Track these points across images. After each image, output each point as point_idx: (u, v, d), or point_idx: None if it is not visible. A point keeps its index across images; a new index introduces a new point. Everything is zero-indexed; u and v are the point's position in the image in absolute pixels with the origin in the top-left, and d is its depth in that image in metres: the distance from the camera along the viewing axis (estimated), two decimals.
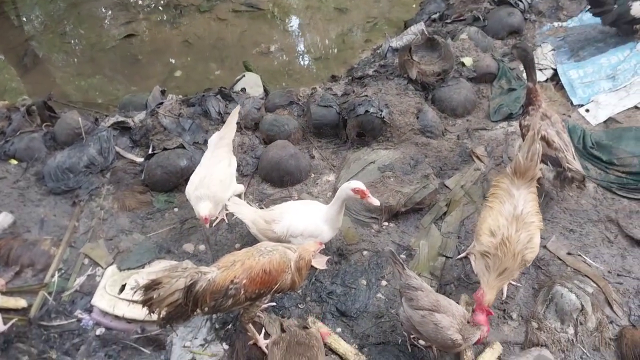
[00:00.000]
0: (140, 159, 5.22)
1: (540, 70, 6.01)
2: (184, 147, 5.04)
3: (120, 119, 5.59)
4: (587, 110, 5.56)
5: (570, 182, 4.31)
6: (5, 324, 3.86)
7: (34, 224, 4.65)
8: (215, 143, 4.40)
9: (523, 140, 4.50)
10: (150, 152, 5.15)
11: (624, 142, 5.07)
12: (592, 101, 5.62)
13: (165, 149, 5.04)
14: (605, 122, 5.42)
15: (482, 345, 3.71)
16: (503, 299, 4.03)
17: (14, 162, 5.25)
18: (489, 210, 3.77)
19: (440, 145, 5.32)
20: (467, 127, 5.53)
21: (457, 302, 3.83)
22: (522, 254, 3.56)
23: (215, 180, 4.21)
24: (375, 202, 3.85)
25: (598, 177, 4.91)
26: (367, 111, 5.26)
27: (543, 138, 4.26)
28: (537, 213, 3.74)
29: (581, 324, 3.82)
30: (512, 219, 3.64)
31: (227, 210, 4.26)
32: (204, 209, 4.15)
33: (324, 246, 3.66)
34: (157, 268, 4.11)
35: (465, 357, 3.69)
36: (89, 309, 4.00)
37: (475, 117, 5.70)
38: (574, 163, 4.30)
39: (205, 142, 5.10)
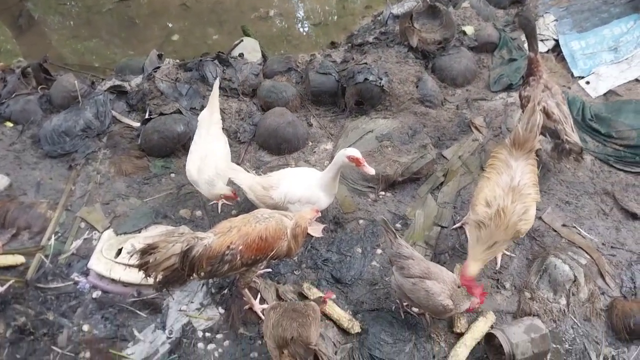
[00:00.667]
0: (136, 124, 5.18)
1: (542, 41, 5.94)
2: (181, 113, 5.00)
3: (117, 82, 5.54)
4: (588, 83, 5.52)
5: (567, 154, 4.31)
6: (2, 285, 3.89)
7: (30, 187, 4.64)
8: (208, 120, 4.32)
9: (522, 111, 4.48)
10: (146, 116, 5.11)
11: (623, 115, 5.05)
12: (593, 73, 5.58)
13: (162, 114, 4.99)
14: (605, 94, 5.39)
15: (475, 314, 3.76)
16: (497, 268, 4.07)
17: (9, 124, 5.21)
18: (486, 181, 3.77)
19: (439, 115, 5.29)
20: (466, 97, 5.50)
21: (452, 271, 3.88)
22: (516, 225, 3.57)
23: (220, 160, 4.19)
24: (371, 171, 3.84)
25: (596, 150, 4.90)
26: (366, 79, 5.21)
27: (543, 109, 4.24)
28: (534, 185, 3.74)
29: (573, 294, 3.87)
30: (509, 190, 3.64)
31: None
32: (224, 189, 4.18)
33: (320, 214, 3.66)
34: (153, 233, 4.11)
35: (458, 324, 3.75)
36: (86, 272, 4.02)
37: (475, 87, 5.66)
38: (573, 135, 4.29)
39: (202, 107, 5.06)
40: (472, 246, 3.67)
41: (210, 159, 4.15)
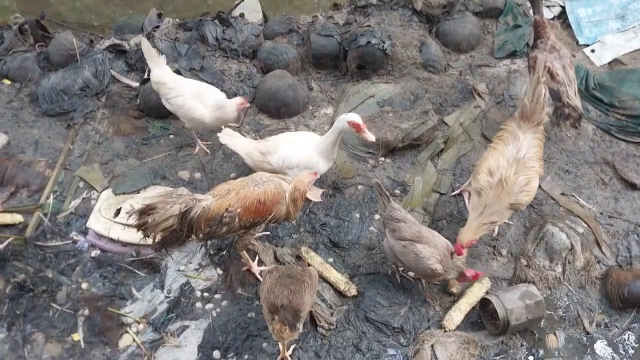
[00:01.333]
0: (135, 84, 5.12)
1: (548, 7, 5.84)
2: (179, 73, 4.94)
3: (116, 41, 5.44)
4: (593, 51, 5.45)
5: (566, 119, 4.27)
6: (1, 243, 3.91)
7: (29, 145, 4.61)
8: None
9: (530, 73, 4.44)
10: (145, 76, 5.04)
11: (626, 84, 5.00)
12: (599, 41, 5.50)
13: None
14: (609, 63, 5.33)
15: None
16: (494, 235, 4.08)
17: (7, 82, 5.14)
18: (492, 151, 3.77)
19: (441, 80, 5.24)
20: (470, 63, 5.43)
21: (449, 237, 3.90)
22: (517, 196, 3.57)
23: (212, 91, 4.39)
24: (371, 137, 3.82)
25: (598, 119, 4.87)
26: (368, 42, 5.14)
27: (547, 70, 4.21)
28: (539, 159, 3.73)
29: (569, 262, 3.90)
30: (513, 161, 3.63)
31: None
32: (231, 111, 4.35)
33: (318, 176, 3.65)
34: (152, 194, 4.11)
35: (453, 289, 3.79)
36: (84, 231, 4.04)
37: (479, 53, 5.59)
38: (574, 99, 4.25)
39: (202, 68, 5.02)
40: (470, 214, 3.68)
41: (206, 93, 4.29)
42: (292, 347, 3.49)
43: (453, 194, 4.34)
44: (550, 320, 3.73)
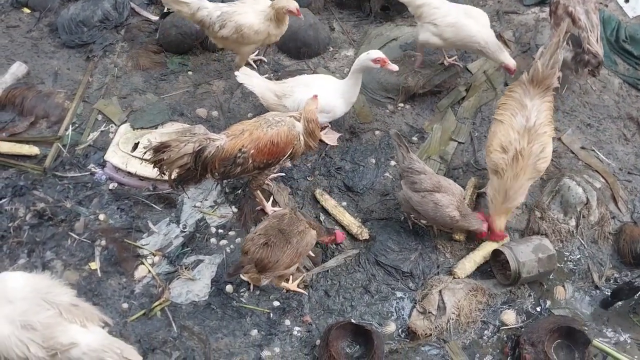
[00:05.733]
0: (155, 18, 5.06)
1: None
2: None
3: None
4: (627, 1, 5.24)
5: (584, 66, 4.15)
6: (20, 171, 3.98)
7: (48, 76, 4.61)
8: None
9: (550, 17, 4.30)
10: (165, 10, 4.97)
11: None
12: None
13: None
14: None
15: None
16: None
17: (26, 10, 5.10)
18: (499, 125, 3.63)
19: None
20: (497, 9, 5.25)
21: (465, 185, 3.91)
22: (535, 165, 3.52)
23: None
24: (394, 67, 3.78)
25: (625, 73, 4.75)
26: None
27: (569, 14, 4.09)
28: (550, 123, 3.63)
29: (584, 217, 3.88)
30: (524, 131, 3.53)
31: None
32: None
33: (318, 97, 3.60)
34: (170, 129, 4.13)
35: (457, 237, 3.82)
36: (102, 164, 4.09)
37: None
38: (595, 46, 4.12)
39: (223, 0, 4.90)
40: (492, 200, 3.62)
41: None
42: (297, 281, 3.58)
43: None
44: (560, 273, 3.75)
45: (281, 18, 4.10)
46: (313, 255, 3.67)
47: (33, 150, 4.12)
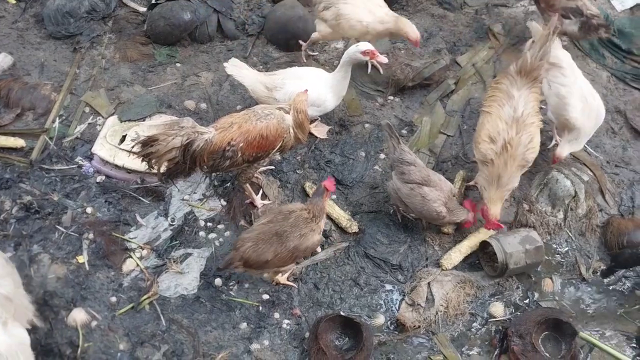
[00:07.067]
0: (143, 9, 5.00)
1: None
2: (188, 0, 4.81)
3: None
4: None
5: (596, 30, 4.22)
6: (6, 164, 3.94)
7: (34, 68, 4.55)
8: None
9: (540, 6, 4.32)
10: (153, 1, 4.92)
11: None
12: None
13: None
14: (631, 8, 5.15)
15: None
16: None
17: (12, 1, 5.02)
18: (487, 116, 3.65)
19: (456, 19, 5.08)
20: (486, 2, 5.24)
21: (453, 178, 3.92)
22: (524, 155, 3.53)
23: None
24: (384, 59, 3.79)
25: (613, 67, 4.77)
26: None
27: None
28: (537, 113, 3.65)
29: (572, 209, 3.91)
30: (512, 121, 3.54)
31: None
32: None
33: (307, 90, 3.58)
34: (158, 122, 4.09)
35: (445, 229, 3.83)
36: (90, 157, 4.05)
37: None
38: (593, 7, 4.25)
39: None
40: (485, 188, 3.64)
41: None
42: (287, 274, 3.58)
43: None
44: (548, 265, 3.78)
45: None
46: None
47: (19, 142, 4.07)
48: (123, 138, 4.05)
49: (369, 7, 4.14)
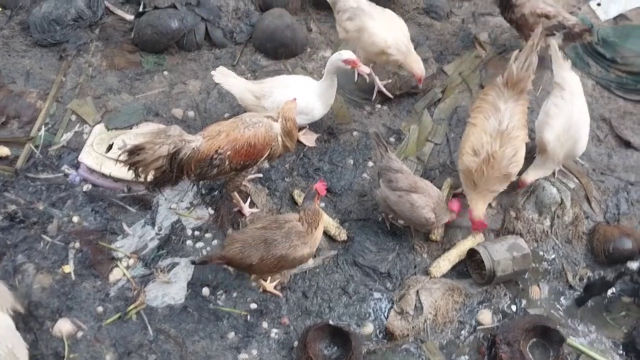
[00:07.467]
0: (130, 17, 4.98)
1: None
2: (175, 7, 4.80)
3: None
4: (599, 4, 5.32)
5: (580, 36, 4.31)
6: None
7: (20, 75, 4.52)
8: None
9: (520, 30, 4.38)
10: (140, 9, 4.91)
11: (630, 40, 4.92)
12: None
13: (156, 7, 4.78)
14: (615, 18, 5.22)
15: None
16: None
17: None
18: (472, 128, 3.68)
19: (443, 28, 5.12)
20: (473, 11, 5.29)
21: (441, 186, 3.94)
22: (507, 169, 3.56)
23: None
24: (366, 69, 3.80)
25: (598, 75, 4.82)
26: None
27: (543, 15, 4.26)
28: (524, 127, 3.68)
29: (558, 217, 3.94)
30: (497, 134, 3.57)
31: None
32: None
33: (297, 99, 3.58)
34: (145, 130, 4.07)
35: (433, 237, 3.85)
36: (76, 165, 4.02)
37: (483, 1, 5.44)
38: (570, 16, 4.36)
39: (199, 3, 4.85)
40: (468, 194, 3.68)
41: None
42: (274, 282, 3.57)
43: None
44: (535, 272, 3.80)
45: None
46: None
47: (4, 151, 4.03)
48: (110, 146, 4.02)
49: (394, 29, 4.15)
